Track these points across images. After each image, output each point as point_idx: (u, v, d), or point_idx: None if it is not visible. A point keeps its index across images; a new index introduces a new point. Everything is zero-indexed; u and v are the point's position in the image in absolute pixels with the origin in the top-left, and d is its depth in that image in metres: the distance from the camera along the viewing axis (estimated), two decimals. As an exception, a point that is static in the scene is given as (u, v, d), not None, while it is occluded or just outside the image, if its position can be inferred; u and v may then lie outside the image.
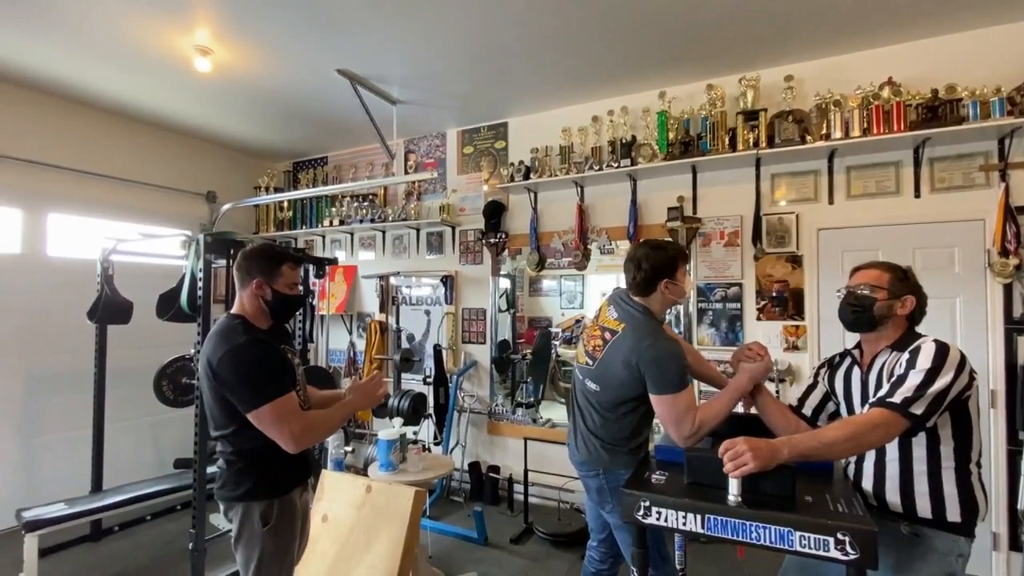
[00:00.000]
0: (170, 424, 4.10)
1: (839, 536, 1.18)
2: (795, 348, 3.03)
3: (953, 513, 1.32)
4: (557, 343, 4.45)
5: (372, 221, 4.32)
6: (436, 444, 3.91)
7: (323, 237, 4.89)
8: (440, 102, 3.75)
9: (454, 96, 3.65)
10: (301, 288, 1.79)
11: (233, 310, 1.68)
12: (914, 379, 1.29)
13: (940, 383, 1.27)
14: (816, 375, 1.70)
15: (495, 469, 3.90)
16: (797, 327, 3.04)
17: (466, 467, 3.94)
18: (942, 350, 1.31)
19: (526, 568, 2.90)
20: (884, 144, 2.78)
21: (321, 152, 4.94)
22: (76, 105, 3.74)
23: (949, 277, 2.77)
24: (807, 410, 1.66)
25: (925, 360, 1.30)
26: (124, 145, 4.06)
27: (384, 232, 4.53)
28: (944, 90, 2.64)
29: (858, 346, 1.58)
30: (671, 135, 3.24)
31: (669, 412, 1.60)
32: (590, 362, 1.80)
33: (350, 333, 4.66)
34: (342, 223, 4.47)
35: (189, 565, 2.54)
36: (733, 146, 3.06)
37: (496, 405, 4.03)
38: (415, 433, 3.08)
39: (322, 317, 4.30)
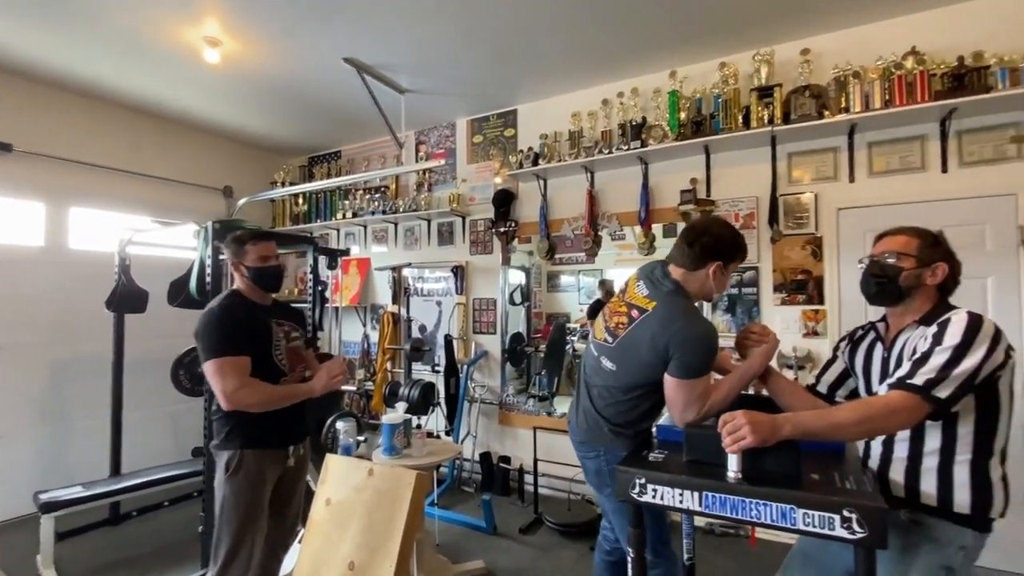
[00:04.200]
0: (189, 414, 4.18)
1: (845, 513, 1.10)
2: (815, 334, 2.91)
3: (962, 504, 1.19)
4: (574, 338, 4.39)
5: (384, 213, 4.33)
6: (447, 434, 3.89)
7: (337, 230, 4.92)
8: (449, 90, 3.73)
9: (463, 83, 3.62)
10: (276, 261, 1.97)
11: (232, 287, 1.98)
12: (939, 358, 1.15)
13: (969, 362, 1.12)
14: (836, 350, 1.58)
15: (506, 460, 3.86)
16: (816, 312, 2.91)
17: (477, 457, 3.91)
18: (974, 323, 1.17)
19: (533, 557, 2.85)
20: (907, 116, 2.64)
21: (335, 147, 4.98)
22: (95, 101, 3.85)
23: (980, 256, 2.61)
24: (823, 387, 1.56)
25: (954, 335, 1.15)
26: (142, 140, 4.16)
27: (396, 224, 4.54)
28: (971, 57, 2.49)
29: (884, 319, 1.45)
30: (682, 115, 3.15)
31: (683, 397, 1.50)
32: (610, 339, 1.68)
33: (364, 325, 4.69)
34: (355, 216, 4.50)
35: (199, 548, 2.58)
36: (747, 124, 2.94)
37: (507, 395, 3.99)
38: (419, 424, 3.07)
39: (336, 309, 4.33)
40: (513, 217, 3.97)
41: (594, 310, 4.02)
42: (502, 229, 3.96)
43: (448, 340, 3.96)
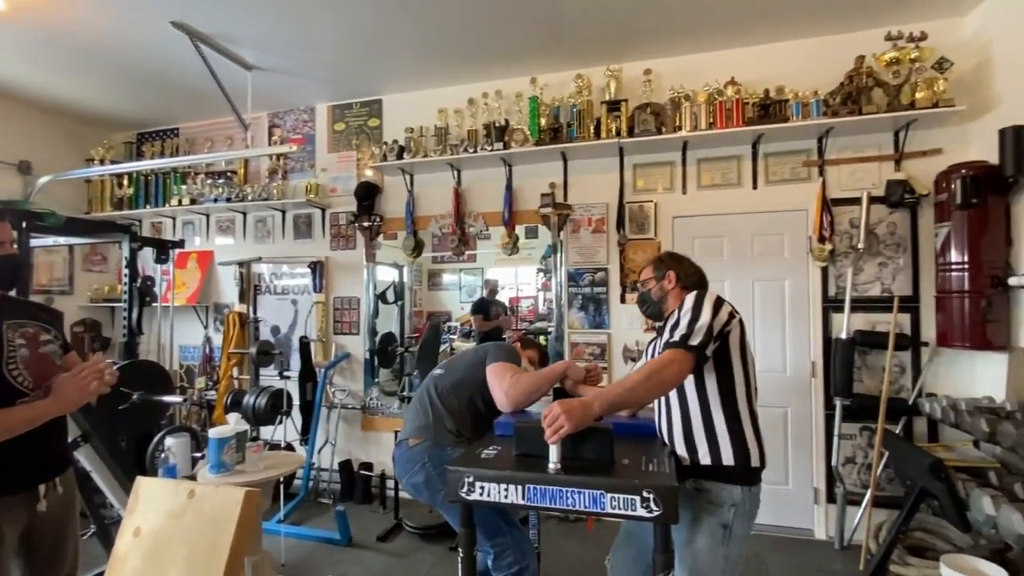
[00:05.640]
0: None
1: (644, 494, 1.19)
2: (654, 329, 3.19)
3: (727, 456, 1.39)
4: (454, 337, 4.34)
5: (229, 200, 3.89)
6: (303, 444, 3.61)
7: (173, 219, 4.32)
8: (306, 72, 3.46)
9: (322, 66, 3.38)
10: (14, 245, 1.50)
11: None
12: (684, 320, 1.41)
13: (704, 317, 1.39)
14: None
15: (368, 466, 3.69)
16: (656, 309, 3.20)
17: (336, 466, 3.69)
18: (699, 294, 1.48)
19: (389, 565, 2.75)
20: (727, 138, 3.02)
21: (171, 123, 4.36)
22: None
23: (780, 261, 3.08)
24: None
25: (687, 304, 1.45)
26: None
27: (245, 214, 4.11)
28: (774, 91, 2.92)
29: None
30: (542, 121, 3.26)
31: (496, 373, 1.81)
32: (445, 362, 2.11)
33: (205, 327, 4.17)
34: (193, 202, 3.98)
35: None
36: (598, 134, 3.14)
37: (371, 399, 3.82)
38: (255, 436, 2.80)
39: (168, 309, 3.79)
40: (378, 211, 3.81)
41: (478, 308, 4.04)
42: (366, 224, 3.77)
43: (304, 342, 3.68)
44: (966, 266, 2.52)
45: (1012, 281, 2.38)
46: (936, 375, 2.81)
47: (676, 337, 1.38)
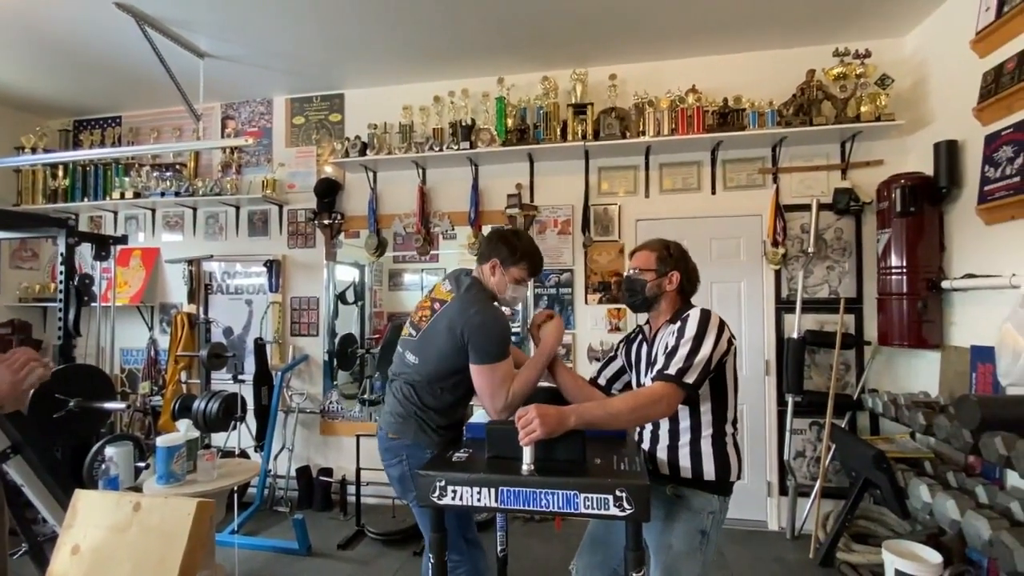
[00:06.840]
0: None
1: (617, 493, 1.21)
2: (617, 329, 3.25)
3: (709, 472, 1.41)
4: None
5: (177, 195, 3.68)
6: (258, 450, 3.46)
7: (115, 213, 4.05)
8: (264, 62, 3.32)
9: (281, 57, 3.25)
10: None
11: None
12: (683, 349, 1.35)
13: (705, 349, 1.34)
14: (617, 349, 1.77)
15: (327, 472, 3.58)
16: (619, 310, 3.27)
17: (293, 473, 3.55)
18: (704, 317, 1.39)
19: (351, 573, 2.68)
20: (688, 144, 3.11)
21: (113, 111, 4.08)
22: None
23: (736, 264, 3.20)
24: (602, 380, 1.75)
25: (691, 329, 1.37)
26: None
27: (195, 210, 3.90)
28: (733, 100, 3.03)
29: (648, 321, 1.65)
30: (509, 122, 3.26)
31: (487, 383, 1.55)
32: (414, 333, 1.71)
33: (150, 328, 3.93)
34: (137, 196, 3.74)
35: None
36: (564, 136, 3.17)
37: (330, 402, 3.71)
38: (207, 444, 2.66)
39: (109, 309, 3.54)
40: (339, 209, 3.70)
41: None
42: (326, 221, 3.66)
43: (259, 344, 3.53)
44: (904, 270, 2.69)
45: (945, 284, 2.56)
46: (878, 372, 2.99)
47: (672, 370, 1.33)
